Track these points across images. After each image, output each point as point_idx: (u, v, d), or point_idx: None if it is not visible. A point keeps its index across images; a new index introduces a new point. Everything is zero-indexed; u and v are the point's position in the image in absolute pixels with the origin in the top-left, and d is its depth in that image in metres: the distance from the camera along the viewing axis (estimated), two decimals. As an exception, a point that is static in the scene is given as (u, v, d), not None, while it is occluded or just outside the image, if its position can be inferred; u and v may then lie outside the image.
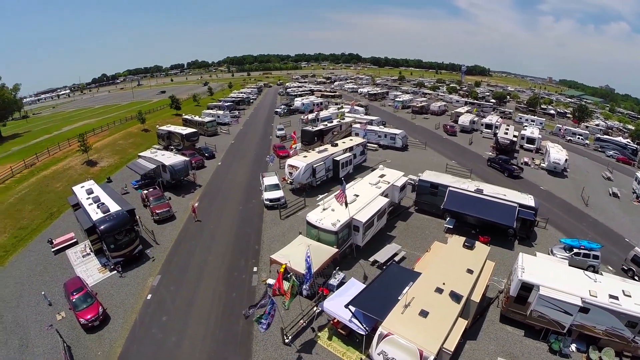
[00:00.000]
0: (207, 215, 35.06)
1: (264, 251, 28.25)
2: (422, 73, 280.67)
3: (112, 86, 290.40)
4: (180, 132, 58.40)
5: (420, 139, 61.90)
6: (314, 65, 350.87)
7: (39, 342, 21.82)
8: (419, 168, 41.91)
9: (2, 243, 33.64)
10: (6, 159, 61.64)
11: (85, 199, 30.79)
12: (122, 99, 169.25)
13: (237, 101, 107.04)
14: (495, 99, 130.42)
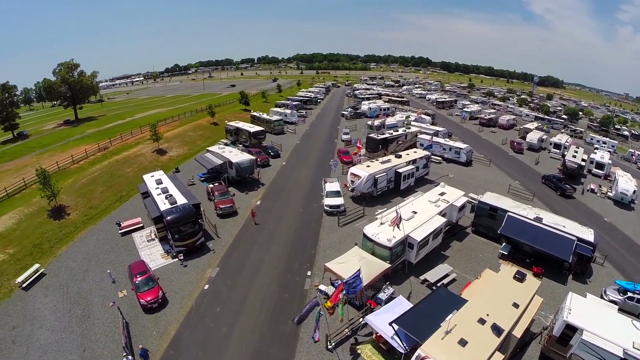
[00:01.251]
0: (268, 215, 46.62)
1: (319, 256, 36.95)
2: (492, 81, 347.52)
3: (183, 76, 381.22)
4: (248, 129, 75.90)
5: (486, 154, 75.80)
6: (383, 67, 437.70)
7: (99, 314, 31.74)
8: (481, 186, 53.57)
9: (74, 219, 49.50)
10: (81, 140, 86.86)
11: (154, 188, 44.03)
12: (193, 89, 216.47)
13: (305, 100, 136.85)
14: (566, 115, 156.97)
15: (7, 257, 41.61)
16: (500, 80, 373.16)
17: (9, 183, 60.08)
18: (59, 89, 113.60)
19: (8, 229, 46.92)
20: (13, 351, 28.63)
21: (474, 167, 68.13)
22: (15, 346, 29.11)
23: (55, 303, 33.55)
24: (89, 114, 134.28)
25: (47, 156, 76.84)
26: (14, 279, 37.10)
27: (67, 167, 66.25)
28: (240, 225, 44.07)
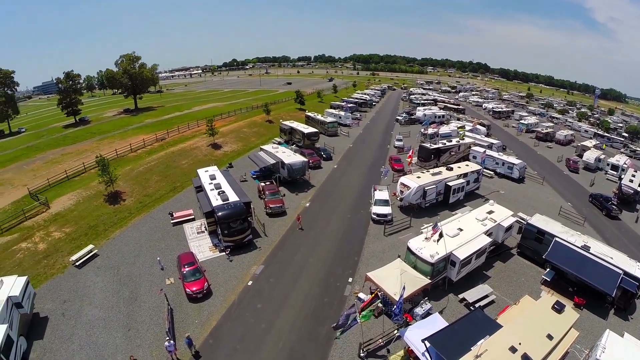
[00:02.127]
0: (316, 217, 52.15)
1: (362, 264, 41.14)
2: (552, 92, 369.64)
3: (241, 71, 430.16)
4: (302, 130, 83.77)
5: (539, 171, 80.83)
6: (440, 71, 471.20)
7: (146, 298, 36.98)
8: (531, 205, 58.05)
9: (128, 206, 56.84)
10: (140, 130, 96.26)
11: (208, 183, 50.17)
12: (249, 85, 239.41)
13: (360, 103, 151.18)
14: (628, 133, 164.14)
15: (63, 235, 49.18)
16: (560, 91, 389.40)
17: (69, 166, 69.82)
18: (120, 79, 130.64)
19: (66, 209, 55.21)
20: (62, 323, 34.35)
21: (526, 184, 71.52)
22: (64, 319, 34.87)
23: (105, 283, 39.34)
24: (148, 104, 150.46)
25: (106, 142, 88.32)
26: (68, 257, 43.98)
27: (125, 155, 76.15)
28: (288, 225, 49.11)
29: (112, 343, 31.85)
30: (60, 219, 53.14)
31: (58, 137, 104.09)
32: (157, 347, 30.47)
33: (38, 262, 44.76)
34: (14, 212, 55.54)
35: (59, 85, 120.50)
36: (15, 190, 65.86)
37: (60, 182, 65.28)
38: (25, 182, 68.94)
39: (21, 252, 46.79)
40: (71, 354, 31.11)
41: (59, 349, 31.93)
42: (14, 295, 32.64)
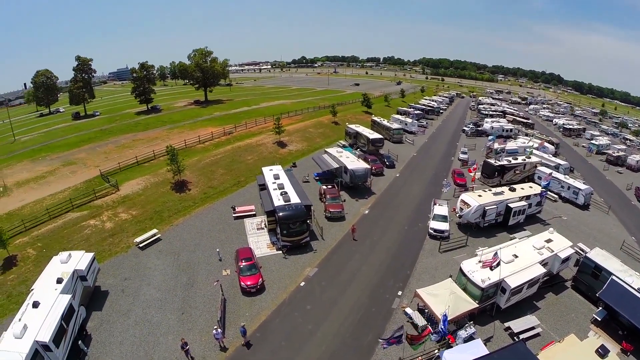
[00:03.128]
0: (373, 226, 53.89)
1: (413, 279, 42.34)
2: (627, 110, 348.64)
3: (309, 69, 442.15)
4: (367, 135, 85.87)
5: (606, 198, 77.67)
6: (510, 80, 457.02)
7: (202, 285, 40.26)
8: (593, 236, 56.71)
9: (193, 195, 61.26)
10: (208, 122, 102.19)
11: (271, 182, 53.32)
12: (317, 83, 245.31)
13: (427, 110, 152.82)
14: None
15: (129, 217, 54.11)
16: (637, 110, 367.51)
17: (140, 152, 76.35)
18: (192, 72, 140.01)
19: (134, 193, 60.58)
20: (121, 299, 38.66)
21: (590, 211, 68.63)
22: (123, 295, 39.21)
23: (165, 267, 43.19)
24: (218, 96, 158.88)
25: (176, 132, 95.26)
26: (132, 238, 48.61)
27: (193, 146, 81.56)
28: (345, 231, 50.99)
29: (165, 323, 35.29)
30: (128, 202, 58.38)
31: (130, 123, 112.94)
32: (207, 333, 33.22)
33: (104, 240, 49.76)
34: (85, 191, 61.75)
35: (133, 75, 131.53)
36: (87, 170, 72.88)
37: (130, 167, 71.26)
38: (97, 163, 76.01)
39: (89, 229, 52.22)
40: (126, 328, 34.97)
41: (116, 321, 35.96)
42: (80, 269, 37.28)
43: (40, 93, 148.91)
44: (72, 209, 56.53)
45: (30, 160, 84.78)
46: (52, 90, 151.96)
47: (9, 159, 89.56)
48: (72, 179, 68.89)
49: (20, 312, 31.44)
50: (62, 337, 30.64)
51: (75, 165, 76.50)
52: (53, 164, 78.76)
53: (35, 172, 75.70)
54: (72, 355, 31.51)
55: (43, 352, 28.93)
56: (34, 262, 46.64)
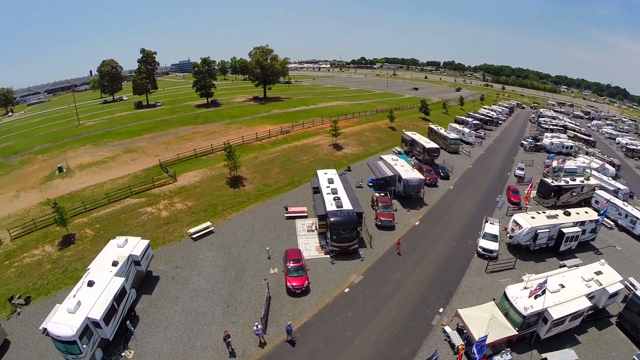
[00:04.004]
0: (422, 238, 54.41)
1: (456, 297, 42.27)
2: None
3: (368, 70, 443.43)
4: (424, 144, 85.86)
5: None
6: (574, 92, 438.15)
7: (249, 281, 42.41)
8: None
9: (248, 191, 64.10)
10: (266, 119, 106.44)
11: (325, 186, 54.88)
12: (376, 85, 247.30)
13: (486, 120, 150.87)
14: None
15: (185, 208, 57.38)
16: None
17: (198, 145, 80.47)
18: (252, 69, 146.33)
19: (191, 184, 64.14)
20: (171, 285, 41.64)
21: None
22: (173, 282, 42.16)
23: (215, 259, 45.65)
24: (277, 93, 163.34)
25: (234, 127, 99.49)
26: (186, 228, 51.64)
27: (250, 143, 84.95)
28: (394, 241, 51.14)
29: (210, 314, 37.67)
30: (184, 193, 61.93)
31: (190, 116, 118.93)
32: (249, 328, 34.92)
33: (159, 227, 53.22)
34: (144, 179, 66.10)
35: (195, 69, 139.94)
36: (147, 159, 77.66)
37: (188, 159, 75.35)
38: (157, 152, 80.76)
39: (146, 215, 55.98)
40: (172, 314, 37.78)
41: (163, 306, 38.95)
42: (135, 254, 40.62)
43: (106, 81, 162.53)
44: (130, 195, 60.73)
45: (93, 145, 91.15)
46: (116, 79, 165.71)
47: (73, 142, 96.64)
48: (132, 166, 73.72)
49: (76, 289, 34.86)
50: (112, 316, 33.90)
51: (136, 153, 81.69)
52: (115, 150, 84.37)
53: (97, 156, 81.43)
54: (120, 334, 34.83)
55: (93, 328, 32.23)
56: (90, 242, 50.85)
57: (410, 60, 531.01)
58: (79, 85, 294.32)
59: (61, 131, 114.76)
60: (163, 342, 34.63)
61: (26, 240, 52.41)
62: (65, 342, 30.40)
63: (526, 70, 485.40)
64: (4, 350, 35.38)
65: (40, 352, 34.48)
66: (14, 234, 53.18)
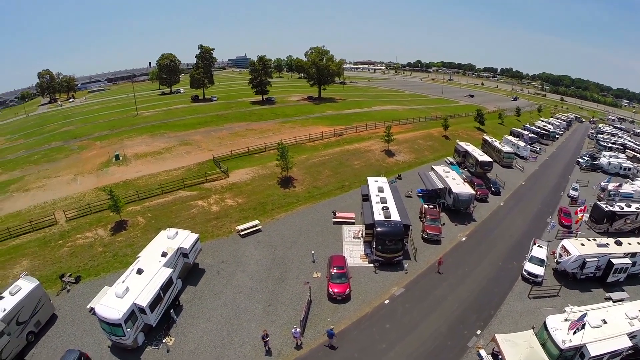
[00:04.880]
0: (467, 255, 53.49)
1: (495, 320, 41.50)
2: None
3: (424, 74, 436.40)
4: (477, 156, 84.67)
5: None
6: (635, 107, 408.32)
7: (292, 283, 43.39)
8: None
9: (297, 192, 65.33)
10: (320, 120, 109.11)
11: (374, 195, 55.18)
12: (431, 90, 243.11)
13: (542, 134, 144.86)
14: None
15: (235, 204, 59.26)
16: None
17: (251, 142, 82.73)
18: (308, 69, 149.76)
19: (242, 181, 66.14)
20: (215, 279, 43.53)
21: None
22: (218, 276, 44.00)
23: (261, 258, 47.01)
24: (331, 94, 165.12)
25: (288, 127, 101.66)
26: (235, 224, 53.46)
27: (303, 143, 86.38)
28: (439, 255, 50.44)
29: (251, 311, 39.07)
30: (236, 189, 63.99)
31: (245, 112, 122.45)
32: (288, 329, 35.96)
33: (208, 221, 55.34)
34: (197, 172, 68.71)
35: (252, 67, 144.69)
36: (201, 153, 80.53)
37: (241, 156, 77.60)
38: (211, 147, 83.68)
39: (196, 208, 58.29)
40: (215, 307, 39.59)
41: (207, 299, 40.90)
42: (184, 247, 42.93)
43: (164, 74, 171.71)
44: (183, 187, 63.39)
45: (149, 135, 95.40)
46: (174, 72, 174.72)
47: (130, 131, 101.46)
48: (186, 159, 76.78)
49: (125, 275, 37.88)
50: (157, 304, 36.47)
51: (190, 146, 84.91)
52: (170, 142, 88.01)
53: (153, 147, 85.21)
54: (163, 321, 37.39)
55: (138, 314, 34.96)
56: (141, 230, 53.69)
57: (467, 66, 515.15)
58: (138, 76, 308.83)
59: (119, 120, 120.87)
60: (203, 333, 36.49)
61: (80, 222, 56.12)
62: (111, 324, 33.18)
63: (586, 81, 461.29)
64: (51, 323, 38.83)
65: (86, 329, 37.61)
66: (69, 215, 57.07)
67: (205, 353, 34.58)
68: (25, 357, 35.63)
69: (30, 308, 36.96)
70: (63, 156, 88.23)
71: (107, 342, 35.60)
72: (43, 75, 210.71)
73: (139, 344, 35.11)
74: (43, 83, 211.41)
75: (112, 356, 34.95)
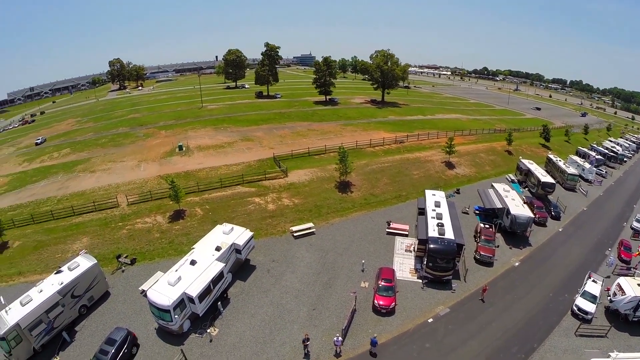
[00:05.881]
0: (518, 281, 51.14)
1: (537, 355, 39.38)
2: None
3: (489, 82, 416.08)
4: (539, 176, 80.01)
5: None
6: None
7: (339, 289, 43.67)
8: None
9: (354, 198, 65.52)
10: (382, 125, 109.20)
11: (431, 209, 54.30)
12: (496, 100, 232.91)
13: (609, 156, 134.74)
14: None
15: (291, 204, 60.32)
16: None
17: (312, 143, 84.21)
18: (372, 72, 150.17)
19: (301, 182, 67.15)
20: (264, 277, 44.88)
21: None
22: (267, 275, 45.29)
23: (311, 261, 47.64)
24: (395, 98, 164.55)
25: (349, 129, 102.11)
26: (289, 225, 54.52)
27: (363, 148, 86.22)
28: (490, 278, 49.32)
29: (295, 312, 39.90)
30: (293, 189, 65.13)
31: (307, 112, 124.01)
32: (329, 335, 36.53)
33: (264, 219, 56.71)
34: (257, 169, 70.48)
35: (316, 67, 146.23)
36: (262, 150, 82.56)
37: (301, 156, 78.71)
38: (272, 144, 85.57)
39: (253, 205, 59.86)
40: (261, 304, 40.96)
41: (254, 295, 42.42)
42: (238, 244, 44.74)
43: (230, 68, 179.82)
44: (242, 183, 65.15)
45: (213, 128, 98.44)
46: (240, 67, 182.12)
47: (194, 123, 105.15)
48: (247, 155, 78.91)
49: (179, 264, 40.74)
50: (206, 295, 38.83)
51: (252, 142, 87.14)
52: (232, 136, 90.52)
53: (216, 140, 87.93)
54: (209, 311, 39.58)
55: (187, 303, 37.65)
56: (198, 221, 55.90)
57: (535, 76, 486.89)
58: (205, 69, 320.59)
59: (185, 111, 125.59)
60: (246, 328, 37.94)
61: (141, 207, 59.33)
62: (160, 309, 35.95)
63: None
64: (104, 300, 42.35)
65: (136, 309, 40.47)
66: (130, 200, 60.59)
67: (246, 347, 35.95)
68: (76, 327, 39.14)
69: (86, 284, 40.97)
70: (129, 142, 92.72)
71: (154, 324, 38.48)
72: (114, 63, 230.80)
73: (184, 330, 37.70)
74: (114, 71, 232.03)
75: (158, 338, 37.61)
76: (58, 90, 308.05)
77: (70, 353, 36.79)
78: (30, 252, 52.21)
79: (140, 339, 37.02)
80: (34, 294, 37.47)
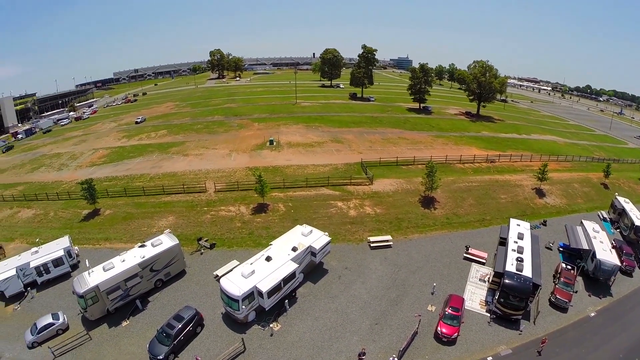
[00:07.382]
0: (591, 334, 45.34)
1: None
2: None
3: (592, 102, 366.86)
4: (634, 219, 69.95)
5: None
6: None
7: (405, 308, 42.79)
8: None
9: (436, 216, 63.30)
10: (473, 140, 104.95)
11: (512, 241, 51.06)
12: (598, 124, 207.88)
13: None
14: None
15: (372, 213, 60.13)
16: None
17: (401, 152, 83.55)
18: (469, 83, 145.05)
19: (385, 192, 66.46)
20: (334, 282, 45.26)
21: None
22: (338, 281, 45.54)
23: (383, 275, 47.07)
24: (490, 112, 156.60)
25: (440, 142, 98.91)
26: (368, 234, 54.60)
27: (453, 164, 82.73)
28: (561, 325, 44.30)
29: (358, 324, 39.86)
30: (376, 198, 64.65)
31: (399, 118, 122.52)
32: (385, 353, 36.06)
33: (343, 224, 57.01)
34: (343, 173, 71.06)
35: (412, 72, 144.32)
36: (351, 154, 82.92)
37: (389, 164, 77.72)
38: (361, 149, 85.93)
39: (335, 209, 60.41)
40: (326, 309, 41.61)
41: (321, 298, 43.17)
42: (315, 247, 45.80)
43: (326, 67, 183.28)
44: (327, 185, 65.85)
45: (304, 126, 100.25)
46: (336, 67, 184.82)
47: (287, 119, 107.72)
48: (335, 157, 79.67)
49: (254, 258, 43.68)
50: (276, 292, 40.61)
51: (341, 145, 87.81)
52: (323, 136, 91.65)
53: (306, 138, 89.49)
54: (276, 307, 41.19)
55: (256, 296, 39.75)
56: (280, 217, 57.57)
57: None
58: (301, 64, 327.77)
59: (279, 105, 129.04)
60: (307, 329, 38.73)
61: (227, 195, 62.18)
62: (230, 297, 38.44)
63: None
64: (179, 277, 45.95)
65: (207, 292, 43.21)
66: (218, 187, 63.48)
67: (303, 348, 36.76)
68: (150, 297, 42.94)
69: (165, 261, 45.21)
70: (223, 130, 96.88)
71: (222, 309, 41.01)
72: (214, 53, 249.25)
73: (248, 321, 39.77)
74: (214, 60, 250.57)
75: (222, 323, 40.04)
76: (160, 74, 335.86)
77: (140, 320, 40.72)
78: (119, 221, 57.60)
79: (205, 320, 39.75)
80: (117, 262, 42.49)
